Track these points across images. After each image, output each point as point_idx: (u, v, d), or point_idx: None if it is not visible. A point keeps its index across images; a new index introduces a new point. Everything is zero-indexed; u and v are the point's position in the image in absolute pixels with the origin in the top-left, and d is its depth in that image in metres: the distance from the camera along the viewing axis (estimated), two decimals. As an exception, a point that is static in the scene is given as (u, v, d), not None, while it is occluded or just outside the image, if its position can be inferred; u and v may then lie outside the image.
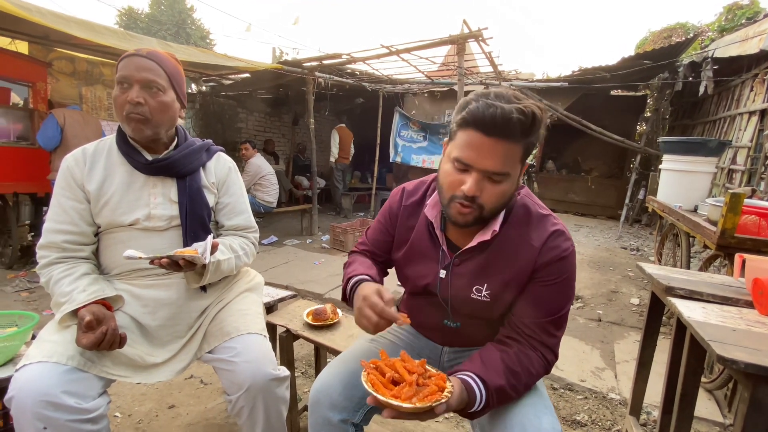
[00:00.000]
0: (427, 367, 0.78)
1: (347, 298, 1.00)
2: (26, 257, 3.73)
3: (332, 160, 6.69)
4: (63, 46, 4.17)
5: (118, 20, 17.29)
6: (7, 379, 0.92)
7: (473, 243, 0.90)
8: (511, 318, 0.91)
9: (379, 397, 0.68)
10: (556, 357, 0.90)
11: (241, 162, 4.88)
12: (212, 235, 1.11)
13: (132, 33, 3.71)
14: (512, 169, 0.80)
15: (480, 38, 4.09)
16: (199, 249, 1.06)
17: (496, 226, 0.87)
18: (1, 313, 1.15)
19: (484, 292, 0.92)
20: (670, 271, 1.44)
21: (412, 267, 1.01)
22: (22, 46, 4.14)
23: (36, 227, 4.03)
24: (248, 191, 4.70)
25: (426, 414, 0.70)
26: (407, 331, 1.16)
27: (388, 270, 1.16)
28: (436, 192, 0.94)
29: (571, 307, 3.22)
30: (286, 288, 3.35)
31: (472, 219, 0.84)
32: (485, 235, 0.88)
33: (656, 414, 1.85)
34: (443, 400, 0.69)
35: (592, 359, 2.39)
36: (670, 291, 1.25)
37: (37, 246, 1.10)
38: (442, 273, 0.95)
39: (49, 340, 0.98)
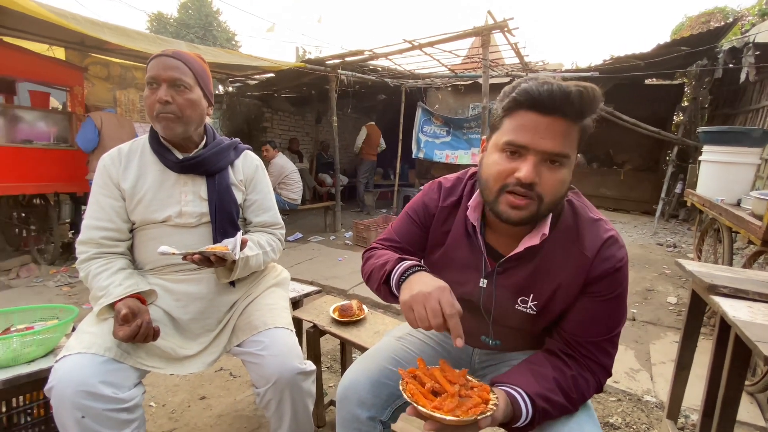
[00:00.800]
0: (468, 377, 0.75)
1: (389, 286, 0.86)
2: (67, 254, 3.94)
3: (356, 150, 6.74)
4: (98, 52, 4.36)
5: (149, 25, 17.94)
6: (48, 370, 0.96)
7: (520, 249, 0.81)
8: (563, 333, 0.83)
9: (421, 408, 0.64)
10: (610, 375, 0.84)
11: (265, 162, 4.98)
12: (241, 231, 1.13)
13: (162, 37, 3.84)
14: (571, 151, 0.72)
15: (505, 29, 3.99)
16: (229, 245, 1.08)
17: (546, 228, 0.78)
18: (43, 306, 1.21)
19: (530, 304, 0.84)
20: (712, 269, 1.36)
21: (448, 273, 0.91)
22: (59, 52, 4.35)
23: (76, 225, 4.25)
24: (273, 190, 4.79)
25: (469, 428, 0.66)
26: (434, 332, 1.12)
27: None
28: (477, 192, 0.85)
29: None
30: (311, 284, 3.39)
31: (528, 214, 0.74)
32: (534, 239, 0.79)
33: (695, 418, 1.76)
34: (489, 413, 0.65)
35: (626, 360, 2.30)
36: (713, 289, 1.18)
37: (77, 242, 1.15)
38: (483, 282, 0.87)
39: (87, 332, 1.02)
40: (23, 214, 3.82)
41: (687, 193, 3.42)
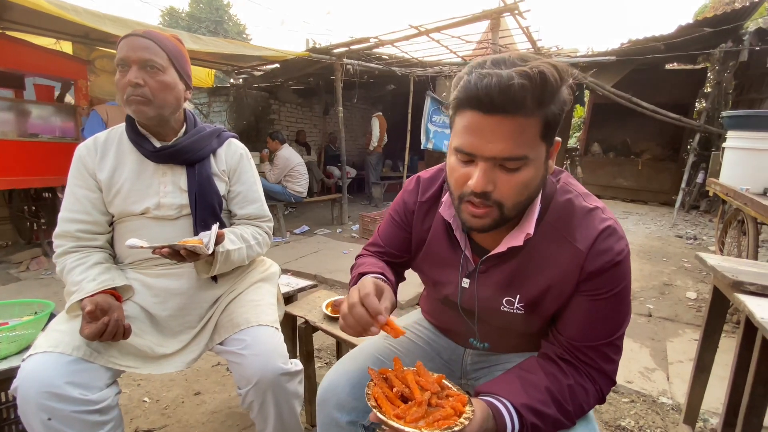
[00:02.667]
0: (445, 383, 0.67)
1: None
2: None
3: (373, 146, 6.63)
4: (103, 45, 4.35)
5: (162, 20, 18.06)
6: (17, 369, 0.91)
7: (502, 248, 0.74)
8: (559, 336, 0.75)
9: (380, 415, 0.59)
10: (614, 384, 0.74)
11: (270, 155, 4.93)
12: (217, 225, 1.06)
13: (163, 27, 3.80)
14: (530, 150, 0.61)
15: (516, 12, 3.82)
16: (204, 239, 1.01)
17: (530, 227, 0.71)
18: (21, 301, 1.17)
19: (516, 305, 0.76)
20: (737, 263, 1.24)
21: (432, 273, 0.87)
22: (66, 46, 4.35)
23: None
24: (278, 183, 4.73)
25: None
26: (427, 328, 1.05)
27: (405, 275, 1.03)
28: None
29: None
30: (315, 277, 3.34)
31: (491, 222, 0.66)
32: (517, 239, 0.72)
33: (714, 422, 1.64)
34: (456, 428, 0.57)
35: (641, 358, 2.18)
36: (738, 286, 1.07)
37: (53, 235, 1.10)
38: (465, 282, 0.81)
39: (57, 330, 0.97)
40: (33, 208, 3.86)
41: (709, 182, 3.24)
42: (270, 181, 4.69)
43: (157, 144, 1.14)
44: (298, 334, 1.52)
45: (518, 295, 0.76)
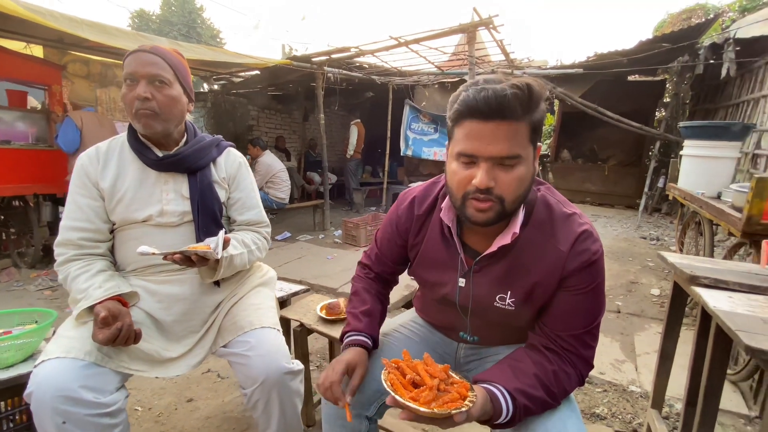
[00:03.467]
0: (450, 373, 0.76)
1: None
2: (48, 257, 3.83)
3: (350, 154, 6.71)
4: (77, 49, 4.24)
5: (131, 22, 17.55)
6: (28, 375, 0.93)
7: (493, 248, 0.83)
8: (544, 328, 0.85)
9: (398, 398, 0.67)
10: (592, 368, 0.85)
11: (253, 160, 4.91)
12: (224, 230, 1.11)
13: (143, 34, 3.76)
14: (522, 150, 0.73)
15: (491, 26, 4.00)
16: (211, 244, 1.06)
17: (516, 227, 0.80)
18: (21, 310, 1.18)
19: (508, 300, 0.85)
20: (693, 260, 1.39)
21: (429, 275, 0.96)
22: (36, 50, 4.22)
23: (54, 227, 4.14)
24: (260, 189, 4.73)
25: (444, 421, 0.67)
26: (422, 325, 1.14)
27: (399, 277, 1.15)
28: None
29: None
30: (300, 283, 3.36)
31: (494, 215, 0.76)
32: (505, 239, 0.81)
33: (679, 407, 1.80)
34: (463, 409, 0.67)
35: (612, 351, 2.34)
36: (695, 280, 1.20)
37: (55, 244, 1.12)
38: (461, 281, 0.90)
39: (67, 336, 0.99)
40: (2, 217, 3.71)
41: (669, 187, 3.49)
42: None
43: (160, 153, 1.18)
44: (293, 337, 1.57)
45: (510, 292, 0.85)
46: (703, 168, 2.88)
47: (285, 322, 1.61)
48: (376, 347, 1.00)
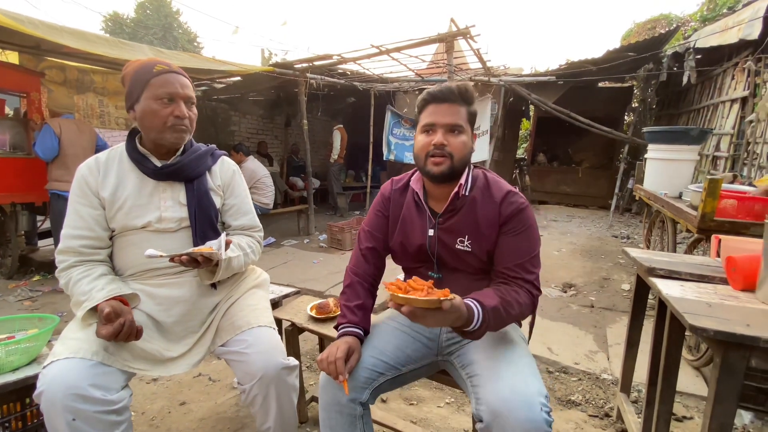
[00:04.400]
0: (432, 288, 0.92)
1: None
2: (25, 267, 3.76)
3: (334, 159, 6.79)
4: (53, 55, 4.18)
5: (104, 26, 17.13)
6: (34, 377, 0.97)
7: (448, 202, 1.12)
8: (496, 269, 1.10)
9: (399, 295, 0.84)
10: (539, 291, 1.09)
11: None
12: (225, 233, 1.18)
13: (123, 40, 3.74)
14: (465, 124, 1.09)
15: (468, 35, 4.17)
16: (214, 246, 1.13)
17: (462, 181, 1.11)
18: (21, 316, 1.21)
19: (466, 243, 1.11)
20: (652, 254, 1.53)
21: (408, 235, 1.19)
22: (12, 57, 4.14)
23: (30, 237, 4.06)
24: None
25: (436, 312, 0.84)
26: (402, 319, 1.23)
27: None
28: (418, 172, 1.19)
29: (565, 295, 3.27)
30: (287, 287, 3.41)
31: (447, 168, 1.07)
32: (455, 190, 1.11)
33: (644, 391, 1.95)
34: (450, 298, 0.84)
35: (586, 343, 2.49)
36: (652, 272, 1.34)
37: (56, 251, 1.16)
38: (431, 232, 1.15)
39: (73, 338, 1.04)
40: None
41: (636, 188, 3.71)
42: None
43: (158, 163, 1.24)
44: (285, 337, 1.63)
45: (467, 236, 1.11)
46: (665, 170, 3.10)
47: (277, 323, 1.67)
48: (367, 335, 1.17)
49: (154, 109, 1.16)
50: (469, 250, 1.11)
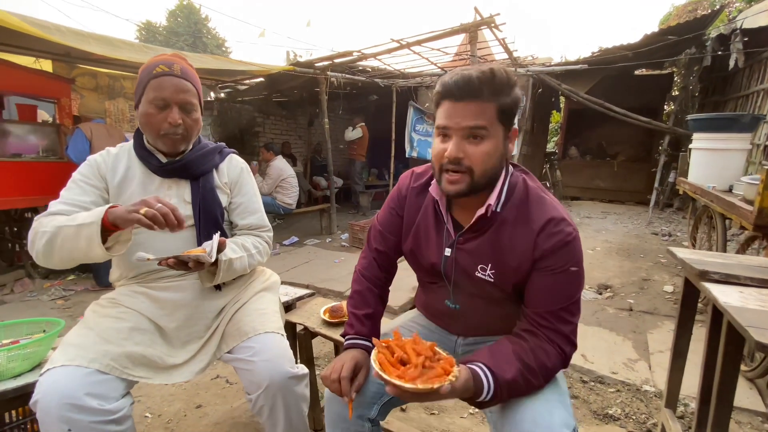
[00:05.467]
0: (437, 350, 0.78)
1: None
2: (61, 266, 3.89)
3: (347, 140, 6.76)
4: (84, 62, 4.33)
5: (138, 35, 17.86)
6: (35, 384, 0.94)
7: (473, 220, 0.90)
8: (525, 310, 0.89)
9: (383, 374, 0.70)
10: (574, 346, 0.86)
11: (261, 165, 4.95)
12: (218, 233, 1.11)
13: (148, 45, 3.82)
14: (489, 124, 0.81)
15: (492, 25, 3.99)
16: (207, 248, 1.07)
17: (492, 200, 0.87)
18: (29, 320, 1.19)
19: (488, 271, 0.91)
20: (703, 255, 1.36)
21: (421, 247, 1.01)
22: (46, 64, 4.32)
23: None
24: (269, 194, 4.75)
25: (428, 395, 0.70)
26: (421, 324, 1.14)
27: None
28: None
29: (600, 297, 3.08)
30: (307, 287, 3.37)
31: (465, 186, 0.84)
32: (481, 210, 0.88)
33: (694, 406, 1.76)
34: (446, 384, 0.69)
35: (624, 350, 2.30)
36: (704, 276, 1.17)
37: (40, 214, 1.06)
38: (447, 251, 0.96)
39: (72, 344, 1.00)
40: (15, 229, 3.79)
41: (679, 182, 3.43)
42: (263, 192, 4.71)
43: (164, 160, 1.20)
44: (297, 342, 1.57)
45: (490, 264, 0.90)
46: (712, 161, 2.83)
47: (290, 327, 1.61)
48: None
49: (149, 114, 1.12)
50: (491, 280, 0.91)
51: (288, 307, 1.68)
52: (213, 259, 1.05)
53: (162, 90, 1.10)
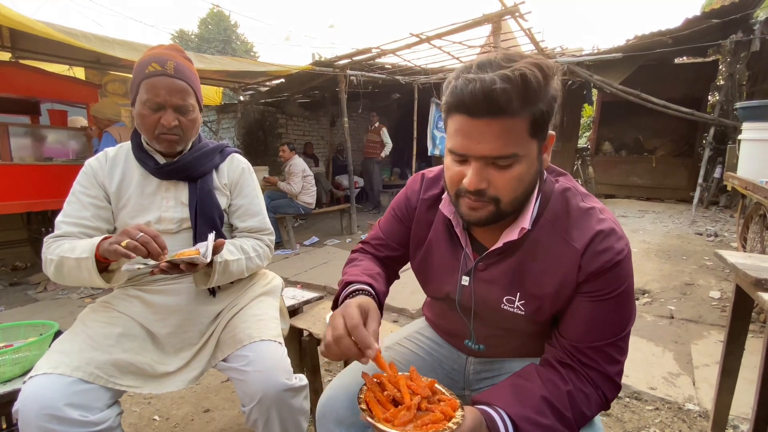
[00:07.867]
0: (438, 387, 0.66)
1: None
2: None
3: (386, 154, 6.64)
4: (114, 69, 4.47)
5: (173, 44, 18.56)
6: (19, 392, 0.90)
7: (499, 244, 0.73)
8: (561, 339, 0.72)
9: (368, 418, 0.59)
10: (619, 389, 0.71)
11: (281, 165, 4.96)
12: (214, 234, 1.05)
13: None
14: (519, 147, 0.63)
15: (517, 14, 3.80)
16: (201, 249, 1.00)
17: (526, 222, 0.70)
18: (26, 323, 1.18)
19: (517, 303, 0.74)
20: (759, 260, 1.18)
21: (433, 271, 0.86)
22: (79, 72, 4.49)
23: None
24: (297, 195, 4.72)
25: None
26: (429, 337, 1.02)
27: (399, 273, 1.03)
28: None
29: (637, 302, 2.84)
30: (324, 288, 3.32)
31: (489, 215, 0.67)
32: (512, 234, 0.71)
33: (745, 429, 1.55)
34: (453, 425, 0.58)
35: (664, 363, 2.09)
36: (761, 284, 1.00)
37: (49, 236, 1.07)
38: (465, 280, 0.79)
39: (57, 351, 0.97)
40: (50, 229, 3.95)
41: (727, 177, 3.13)
42: (295, 193, 4.70)
43: (162, 160, 1.16)
44: (302, 348, 1.49)
45: (518, 294, 0.74)
46: (765, 153, 2.55)
47: (296, 332, 1.54)
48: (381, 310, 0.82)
49: (143, 115, 1.07)
50: (522, 313, 0.74)
51: (294, 311, 1.61)
52: (208, 260, 0.99)
53: (154, 92, 1.05)
